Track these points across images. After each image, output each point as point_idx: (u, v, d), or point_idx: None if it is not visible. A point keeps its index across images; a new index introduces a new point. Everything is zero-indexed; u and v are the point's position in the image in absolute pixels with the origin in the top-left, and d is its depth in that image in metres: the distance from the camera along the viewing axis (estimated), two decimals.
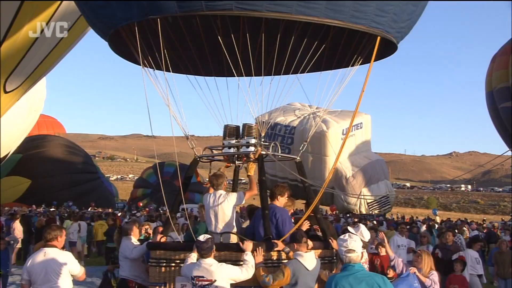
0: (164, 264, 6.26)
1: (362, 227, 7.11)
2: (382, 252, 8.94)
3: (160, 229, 9.03)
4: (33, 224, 18.80)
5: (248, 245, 6.01)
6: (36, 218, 20.14)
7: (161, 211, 37.51)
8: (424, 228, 22.38)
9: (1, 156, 18.87)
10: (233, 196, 6.69)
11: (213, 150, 7.49)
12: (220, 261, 5.66)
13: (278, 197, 6.80)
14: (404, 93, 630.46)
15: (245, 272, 5.65)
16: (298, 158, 7.30)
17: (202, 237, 5.60)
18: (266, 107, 6.92)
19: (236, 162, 7.16)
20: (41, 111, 22.88)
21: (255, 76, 7.03)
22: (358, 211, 42.45)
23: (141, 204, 36.65)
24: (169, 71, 6.82)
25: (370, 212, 42.60)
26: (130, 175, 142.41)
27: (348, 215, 35.50)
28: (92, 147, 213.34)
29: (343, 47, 7.15)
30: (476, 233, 21.94)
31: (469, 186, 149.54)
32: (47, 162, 37.26)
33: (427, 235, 12.37)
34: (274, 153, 7.09)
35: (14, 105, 13.22)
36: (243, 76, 7.05)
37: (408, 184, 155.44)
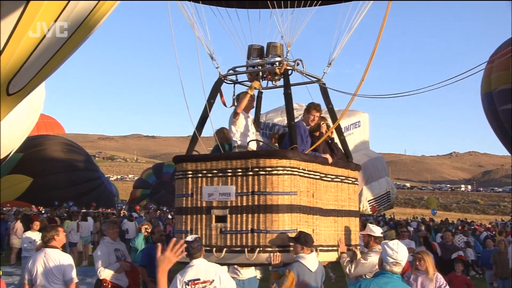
0: (191, 175, 6.27)
1: (369, 224, 7.11)
2: None
3: (160, 228, 9.09)
4: None
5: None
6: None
7: (160, 211, 37.77)
8: (422, 228, 22.42)
9: (2, 156, 18.90)
10: (231, 114, 6.76)
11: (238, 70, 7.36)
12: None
13: (305, 113, 6.91)
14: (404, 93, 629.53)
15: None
16: (323, 80, 7.14)
17: (189, 237, 5.45)
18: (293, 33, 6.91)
19: (261, 81, 7.07)
20: (41, 111, 22.89)
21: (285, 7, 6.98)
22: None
23: (138, 208, 36.62)
24: (198, 2, 6.77)
25: (370, 211, 42.60)
26: (130, 175, 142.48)
27: None
28: (92, 147, 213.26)
29: None
30: (485, 235, 21.98)
31: (469, 186, 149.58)
32: (48, 161, 37.29)
33: (425, 235, 12.40)
34: (300, 70, 6.98)
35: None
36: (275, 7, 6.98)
37: (408, 184, 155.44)
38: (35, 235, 11.95)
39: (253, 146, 6.67)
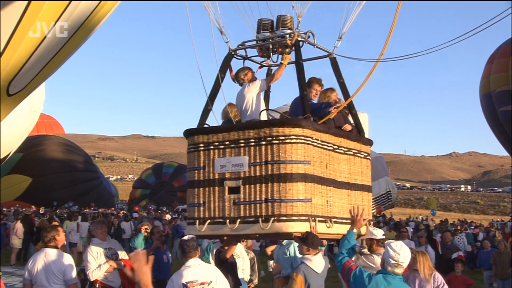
0: (202, 148, 6.22)
1: (369, 228, 7.07)
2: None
3: (159, 228, 9.07)
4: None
5: None
6: (37, 219, 20.16)
7: (160, 211, 37.78)
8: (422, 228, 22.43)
9: (2, 156, 18.91)
10: (253, 84, 6.67)
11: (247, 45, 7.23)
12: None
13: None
14: (403, 94, 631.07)
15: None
16: (333, 54, 7.02)
17: (186, 237, 5.47)
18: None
19: (271, 55, 6.94)
20: (41, 111, 22.91)
21: None
22: None
23: (137, 209, 36.63)
24: None
25: (373, 211, 42.58)
26: (130, 176, 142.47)
27: None
28: (92, 148, 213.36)
29: None
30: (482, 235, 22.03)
31: (469, 187, 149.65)
32: (48, 161, 37.30)
33: (424, 235, 12.41)
34: (312, 42, 6.84)
35: None
36: None
37: (408, 185, 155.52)
38: None
39: (264, 117, 6.61)
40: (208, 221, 5.99)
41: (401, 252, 4.48)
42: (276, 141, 5.77)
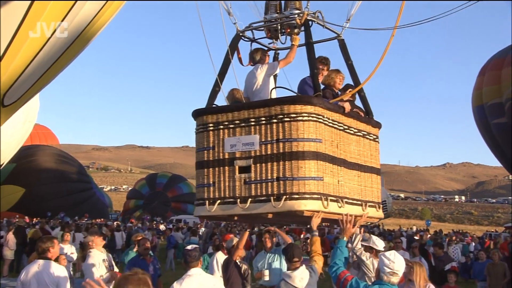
0: (212, 127, 6.14)
1: (374, 237, 7.02)
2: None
3: (147, 240, 8.96)
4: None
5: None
6: (29, 230, 20.04)
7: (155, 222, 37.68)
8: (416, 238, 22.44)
9: None
10: (266, 65, 6.60)
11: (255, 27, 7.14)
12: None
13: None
14: (397, 104, 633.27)
15: None
16: (341, 36, 6.95)
17: (189, 246, 5.45)
18: None
19: (280, 36, 6.86)
20: (35, 122, 22.85)
21: None
22: None
23: (133, 221, 36.54)
24: None
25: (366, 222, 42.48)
26: (124, 186, 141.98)
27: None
28: (86, 158, 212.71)
29: None
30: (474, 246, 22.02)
31: (463, 197, 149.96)
32: (41, 171, 37.17)
33: (417, 246, 12.42)
34: (321, 22, 6.76)
35: None
36: None
37: (402, 195, 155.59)
38: (67, 248, 12.00)
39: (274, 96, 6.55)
40: (218, 201, 5.93)
41: (395, 260, 4.50)
42: (288, 119, 5.70)
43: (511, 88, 26.33)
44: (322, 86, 6.51)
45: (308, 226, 5.88)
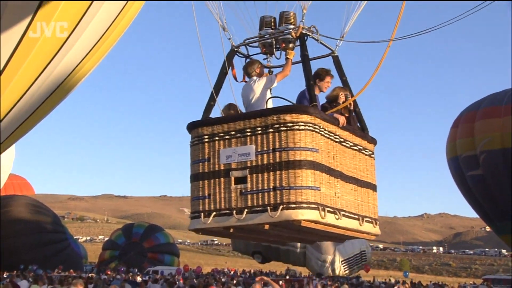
0: (207, 139, 6.08)
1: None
2: None
3: None
4: None
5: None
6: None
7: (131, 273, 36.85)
8: None
9: None
10: (264, 79, 6.61)
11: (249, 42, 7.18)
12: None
13: (317, 80, 6.62)
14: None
15: None
16: (336, 52, 7.02)
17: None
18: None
19: (275, 51, 6.90)
20: (10, 172, 22.61)
21: None
22: (331, 272, 42.08)
23: (109, 272, 35.75)
24: None
25: (345, 273, 42.19)
26: (100, 236, 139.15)
27: (322, 277, 35.25)
28: (62, 208, 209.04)
29: None
30: None
31: (441, 248, 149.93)
32: (15, 222, 36.41)
33: None
34: (316, 37, 6.78)
35: None
36: None
37: (381, 246, 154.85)
38: None
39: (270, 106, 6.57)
40: (214, 213, 5.87)
41: None
42: (284, 128, 5.70)
43: (485, 141, 26.86)
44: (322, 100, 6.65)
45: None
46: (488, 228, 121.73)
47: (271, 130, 5.75)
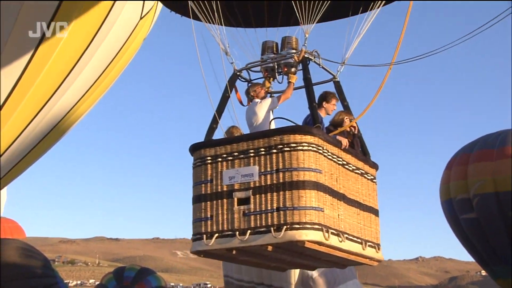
0: (210, 161, 6.02)
1: None
2: None
3: None
4: None
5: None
6: None
7: None
8: None
9: None
10: (267, 101, 6.66)
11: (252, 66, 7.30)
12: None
13: (323, 103, 6.78)
14: None
15: None
16: (337, 78, 7.09)
17: None
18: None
19: (277, 75, 6.99)
20: (1, 215, 22.37)
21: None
22: None
23: None
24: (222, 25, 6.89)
25: None
26: (91, 280, 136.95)
27: None
28: (52, 251, 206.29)
29: None
30: None
31: None
32: (5, 267, 35.73)
33: None
34: (318, 62, 6.90)
35: None
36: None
37: None
38: None
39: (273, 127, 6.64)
40: (216, 234, 5.80)
41: None
42: (287, 149, 5.69)
43: (477, 184, 26.84)
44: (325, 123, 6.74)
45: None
46: (483, 272, 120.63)
47: (274, 150, 5.76)
